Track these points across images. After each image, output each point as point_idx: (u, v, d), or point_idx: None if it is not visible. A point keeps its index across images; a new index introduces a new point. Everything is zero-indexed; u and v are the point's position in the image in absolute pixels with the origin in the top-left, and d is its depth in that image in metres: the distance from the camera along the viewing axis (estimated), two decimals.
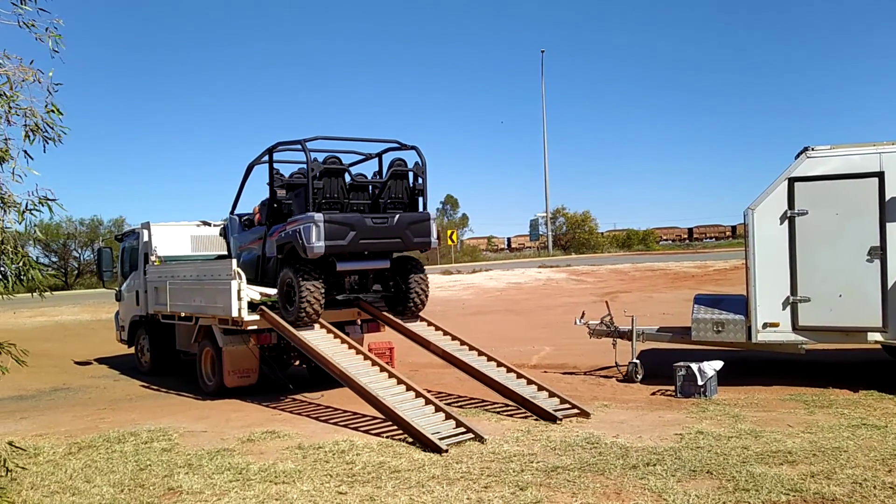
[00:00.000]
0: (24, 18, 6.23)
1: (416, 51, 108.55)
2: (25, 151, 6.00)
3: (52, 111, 6.23)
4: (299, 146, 9.97)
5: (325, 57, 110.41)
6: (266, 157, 11.05)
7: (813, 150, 9.26)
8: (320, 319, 9.97)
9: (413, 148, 10.60)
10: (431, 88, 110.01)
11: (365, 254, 10.24)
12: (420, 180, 10.64)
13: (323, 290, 9.80)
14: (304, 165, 9.93)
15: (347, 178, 10.45)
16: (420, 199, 10.70)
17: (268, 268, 10.95)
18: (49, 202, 5.91)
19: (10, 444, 5.94)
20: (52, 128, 6.07)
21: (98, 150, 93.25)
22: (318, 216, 9.52)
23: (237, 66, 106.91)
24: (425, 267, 11.16)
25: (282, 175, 11.39)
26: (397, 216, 10.17)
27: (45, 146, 6.22)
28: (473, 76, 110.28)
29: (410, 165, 10.67)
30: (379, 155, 11.00)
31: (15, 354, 5.69)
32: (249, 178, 11.75)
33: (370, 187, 10.61)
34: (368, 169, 11.04)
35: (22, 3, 6.27)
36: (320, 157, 10.02)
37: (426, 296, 10.72)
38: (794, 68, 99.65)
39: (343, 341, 9.59)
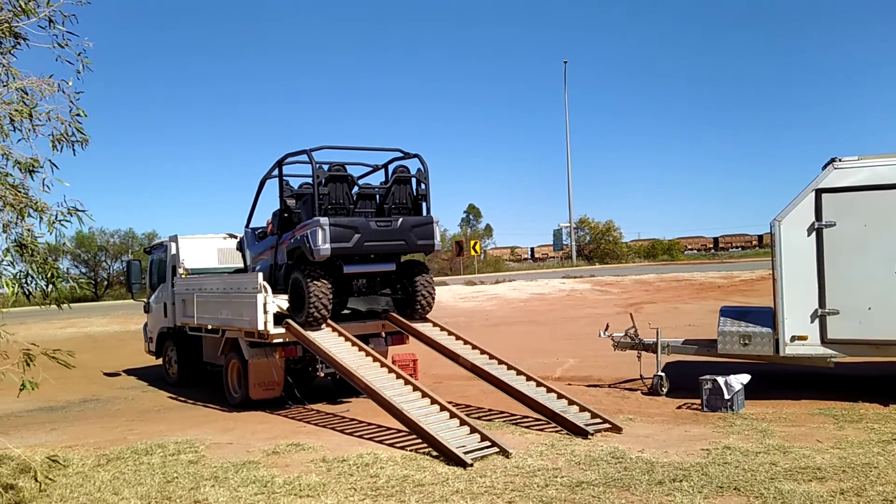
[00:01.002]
0: (59, 39, 6.43)
1: (439, 64, 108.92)
2: (50, 161, 6.12)
3: (78, 114, 6.36)
4: (306, 156, 10.36)
5: (353, 69, 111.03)
6: (276, 170, 11.38)
7: (840, 161, 9.15)
8: (345, 332, 10.09)
9: (416, 156, 11.05)
10: (455, 100, 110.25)
11: (371, 257, 10.61)
12: (423, 186, 11.01)
13: (331, 291, 10.15)
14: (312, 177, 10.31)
15: (355, 188, 10.78)
16: (423, 204, 11.03)
17: (279, 275, 11.20)
18: (78, 213, 6.02)
19: (51, 458, 6.04)
20: (81, 132, 6.21)
21: (130, 161, 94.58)
22: (324, 220, 9.93)
23: (268, 77, 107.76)
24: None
25: (291, 187, 11.78)
26: (401, 219, 10.55)
27: (73, 150, 6.33)
28: (496, 87, 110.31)
29: (414, 172, 11.04)
30: (385, 166, 11.39)
31: (63, 360, 5.80)
32: (262, 192, 12.09)
33: (376, 196, 10.92)
34: (376, 181, 11.40)
35: (51, 25, 6.45)
36: (328, 167, 10.45)
37: (433, 297, 11.05)
38: (820, 78, 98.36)
39: (367, 354, 9.64)
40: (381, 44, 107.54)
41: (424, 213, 11.01)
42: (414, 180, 11.02)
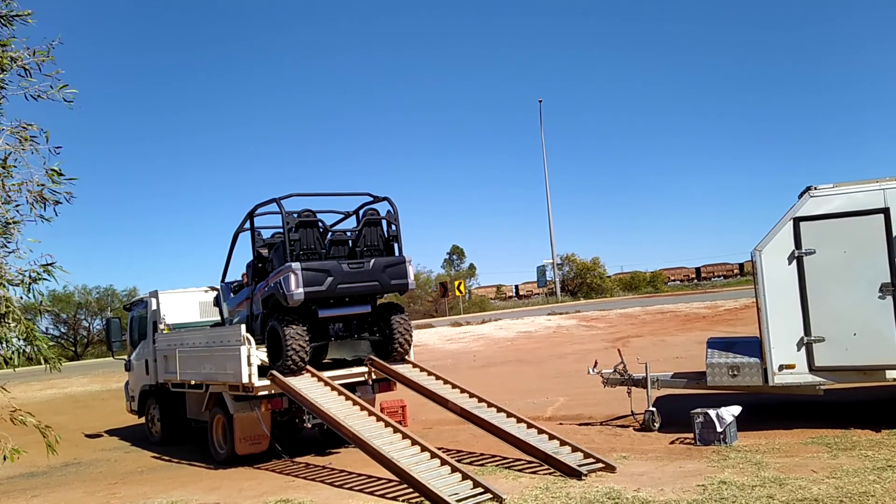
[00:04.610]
0: (32, 93, 6.51)
1: (418, 107, 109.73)
2: (42, 216, 6.13)
3: (54, 174, 6.40)
4: (276, 205, 10.42)
5: (331, 113, 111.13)
6: (248, 222, 11.39)
7: (816, 189, 9.28)
8: (330, 382, 9.98)
9: (385, 199, 11.21)
10: (435, 143, 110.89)
11: (346, 300, 10.59)
12: (393, 227, 11.13)
13: (307, 337, 10.11)
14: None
15: (329, 235, 10.84)
16: (395, 245, 11.13)
17: (256, 326, 11.11)
18: (50, 267, 6.00)
19: None
20: (55, 193, 6.23)
21: (108, 217, 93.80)
22: (296, 265, 9.95)
23: (243, 121, 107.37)
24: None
25: (263, 238, 11.78)
26: (373, 261, 10.62)
27: (54, 209, 6.35)
28: (476, 129, 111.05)
29: (384, 214, 11.16)
30: (356, 211, 11.45)
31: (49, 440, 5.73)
32: (236, 245, 12.04)
33: (348, 241, 10.98)
34: (350, 227, 11.41)
35: (28, 75, 6.52)
36: (298, 214, 10.50)
37: (410, 336, 11.08)
38: (799, 108, 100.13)
39: (355, 402, 9.51)
40: (360, 87, 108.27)
41: (396, 253, 11.07)
42: (384, 222, 11.12)
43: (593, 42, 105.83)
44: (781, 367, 9.29)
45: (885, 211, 8.89)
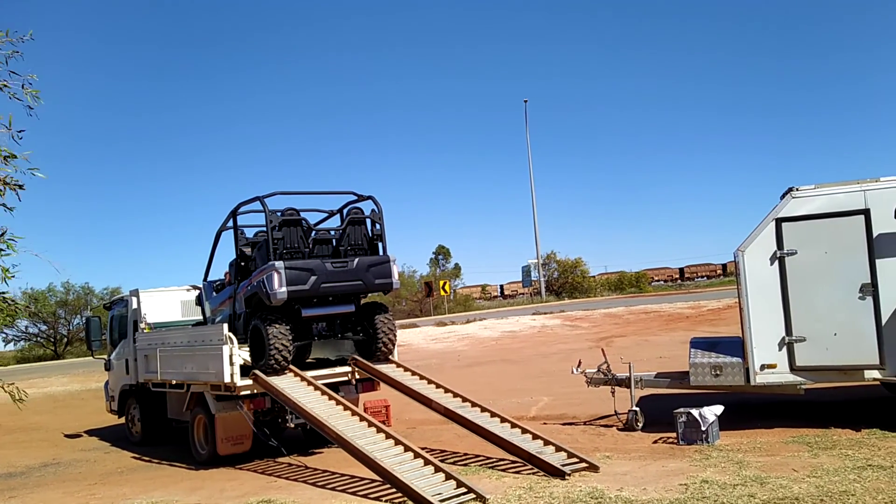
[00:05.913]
0: None
1: (403, 106, 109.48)
2: (3, 204, 6.02)
3: (8, 157, 6.26)
4: (259, 204, 10.35)
5: (316, 114, 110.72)
6: (231, 221, 11.33)
7: (797, 190, 9.34)
8: (313, 381, 9.92)
9: (369, 198, 11.16)
10: (420, 143, 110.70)
11: (329, 299, 10.54)
12: (378, 226, 11.07)
13: (290, 336, 10.05)
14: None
15: (313, 233, 10.81)
16: (379, 244, 11.08)
17: (238, 325, 11.04)
18: (5, 237, 5.91)
19: None
20: (11, 178, 6.12)
21: (89, 215, 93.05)
22: (279, 263, 9.89)
23: (227, 121, 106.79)
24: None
25: (246, 236, 11.69)
26: (357, 260, 10.55)
27: (17, 195, 6.21)
28: (461, 128, 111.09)
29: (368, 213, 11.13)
30: (340, 210, 11.43)
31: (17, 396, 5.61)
32: (219, 243, 11.95)
33: (332, 240, 10.93)
34: (333, 227, 11.33)
35: None
36: (281, 212, 10.46)
37: (394, 335, 11.03)
38: (782, 107, 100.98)
39: (338, 402, 9.45)
40: (344, 86, 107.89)
41: (381, 252, 11.02)
42: (369, 221, 11.07)
43: (578, 40, 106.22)
44: (763, 367, 9.35)
45: (866, 212, 8.96)
